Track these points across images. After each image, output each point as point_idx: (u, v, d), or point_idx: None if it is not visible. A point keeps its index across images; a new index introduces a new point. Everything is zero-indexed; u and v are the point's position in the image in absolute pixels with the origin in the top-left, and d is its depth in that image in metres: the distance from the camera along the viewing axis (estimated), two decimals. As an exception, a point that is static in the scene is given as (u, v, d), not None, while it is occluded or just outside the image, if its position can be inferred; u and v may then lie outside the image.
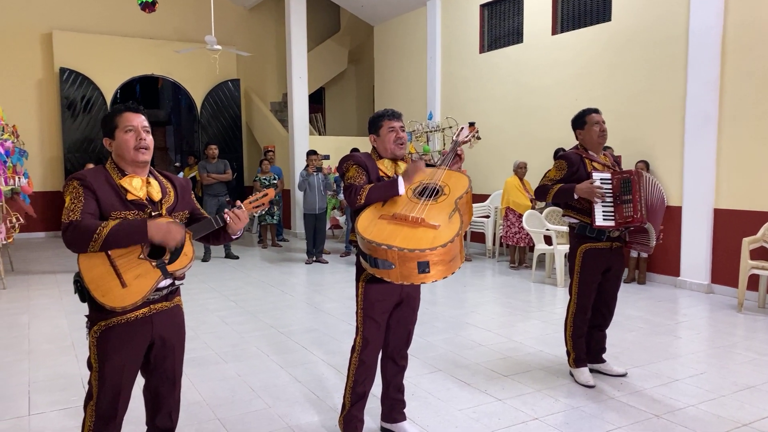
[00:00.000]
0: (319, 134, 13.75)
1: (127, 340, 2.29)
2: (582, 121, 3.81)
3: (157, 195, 2.38)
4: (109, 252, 2.20)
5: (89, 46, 11.91)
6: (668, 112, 6.95)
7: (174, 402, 2.54)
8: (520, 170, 7.95)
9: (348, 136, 13.08)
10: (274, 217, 10.13)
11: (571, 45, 8.11)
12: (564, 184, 3.75)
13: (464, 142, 3.13)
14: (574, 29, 8.13)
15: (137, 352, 2.34)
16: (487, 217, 8.94)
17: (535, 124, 8.68)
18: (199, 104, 13.14)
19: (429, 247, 2.47)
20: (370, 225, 2.66)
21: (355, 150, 8.97)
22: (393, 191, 2.77)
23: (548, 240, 7.30)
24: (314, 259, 8.72)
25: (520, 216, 7.63)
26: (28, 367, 4.20)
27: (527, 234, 7.61)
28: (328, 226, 9.78)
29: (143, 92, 16.61)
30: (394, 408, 3.12)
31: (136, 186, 2.32)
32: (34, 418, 3.35)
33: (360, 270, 2.90)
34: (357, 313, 2.93)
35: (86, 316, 2.31)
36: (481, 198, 9.19)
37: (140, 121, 2.33)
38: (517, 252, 8.04)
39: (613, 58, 7.56)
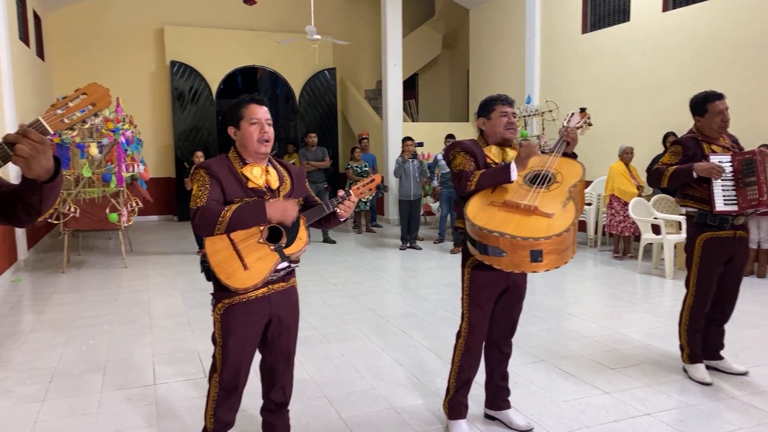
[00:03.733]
0: (413, 120, 13.78)
1: (247, 317, 2.43)
2: (703, 108, 3.53)
3: (275, 183, 2.48)
4: (232, 237, 2.33)
5: (197, 40, 12.56)
6: (796, 92, 6.36)
7: (288, 378, 2.67)
8: (626, 155, 7.57)
9: (442, 122, 13.01)
10: (368, 204, 10.29)
11: (685, 22, 7.60)
12: (680, 165, 3.54)
13: (575, 129, 3.02)
14: (688, 5, 7.60)
15: (257, 329, 2.47)
16: (589, 204, 8.61)
17: (642, 107, 8.23)
18: (297, 93, 13.53)
19: (543, 235, 2.42)
20: (480, 211, 2.63)
21: (450, 136, 8.91)
22: (505, 177, 2.70)
23: (656, 229, 6.94)
24: (408, 245, 8.78)
25: (626, 204, 7.29)
26: (151, 341, 4.55)
27: (633, 223, 7.27)
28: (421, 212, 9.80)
29: (243, 82, 17.32)
30: (498, 395, 3.11)
31: (256, 174, 2.43)
32: (160, 387, 3.63)
33: (466, 256, 2.89)
34: (462, 299, 2.93)
35: (211, 294, 2.47)
36: (582, 185, 8.85)
37: (264, 113, 2.43)
38: (622, 241, 7.70)
39: (733, 34, 7.01)
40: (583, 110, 3.18)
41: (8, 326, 4.99)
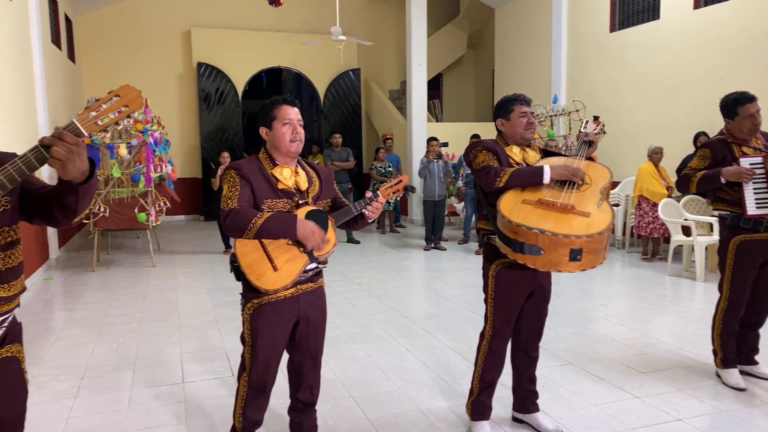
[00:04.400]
0: (437, 121, 13.73)
1: (276, 317, 2.44)
2: (733, 111, 3.43)
3: (304, 184, 2.49)
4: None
5: (223, 41, 12.68)
6: (834, 90, 6.18)
7: (315, 378, 2.67)
8: (655, 156, 7.44)
9: (466, 122, 12.94)
10: (392, 204, 10.28)
11: (717, 19, 7.43)
12: (708, 170, 3.47)
13: (594, 134, 2.97)
14: (720, 2, 7.44)
15: (285, 329, 2.49)
16: (617, 205, 8.49)
17: (671, 106, 8.09)
18: (322, 94, 13.58)
19: (585, 233, 2.39)
20: (515, 209, 2.58)
21: (475, 136, 8.86)
22: (537, 180, 2.66)
23: (686, 230, 6.81)
24: (433, 245, 8.75)
25: (654, 205, 7.17)
26: (179, 339, 4.61)
27: (662, 224, 7.14)
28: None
29: (269, 83, 17.45)
30: (526, 399, 3.08)
31: (286, 176, 2.44)
32: (188, 385, 3.67)
33: (491, 258, 2.86)
34: (487, 301, 2.90)
35: (241, 294, 2.49)
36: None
37: (296, 114, 2.44)
38: (651, 243, 7.57)
39: (766, 31, 6.83)
40: (596, 118, 3.15)
41: (41, 323, 5.10)
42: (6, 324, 1.68)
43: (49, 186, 1.68)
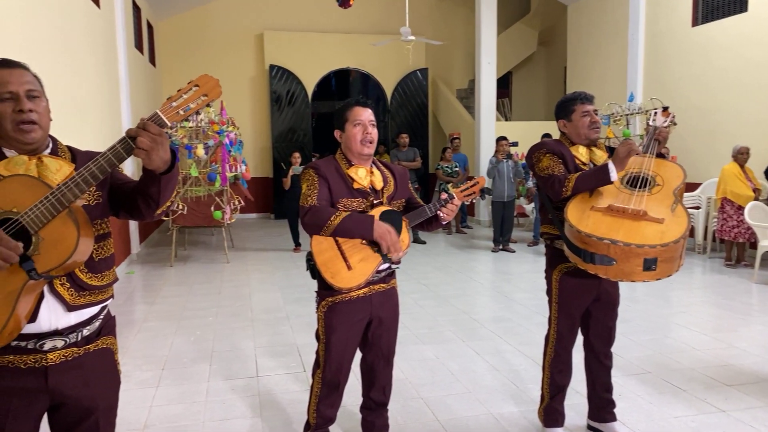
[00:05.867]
0: (506, 120, 13.52)
1: (349, 316, 2.47)
2: None
3: (379, 184, 2.51)
4: (337, 237, 2.38)
5: (294, 44, 12.98)
6: None
7: (387, 378, 2.68)
8: (741, 156, 7.03)
9: (536, 121, 12.67)
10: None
11: (811, 9, 6.96)
12: None
13: (663, 128, 2.80)
14: (816, -9, 6.96)
15: (358, 328, 2.51)
16: (698, 208, 8.08)
17: (759, 104, 7.61)
18: (389, 94, 13.66)
19: (660, 242, 2.28)
20: (584, 217, 2.50)
21: (546, 135, 8.66)
22: (604, 179, 2.55)
23: (775, 236, 6.40)
24: (501, 247, 8.62)
25: (740, 208, 6.78)
26: (253, 334, 4.74)
27: (747, 228, 6.74)
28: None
29: (337, 84, 17.70)
30: (603, 407, 2.98)
31: (361, 175, 2.47)
32: (262, 379, 3.78)
33: (553, 262, 2.79)
34: (550, 305, 2.85)
35: (316, 292, 2.53)
36: (691, 187, 8.31)
37: (367, 115, 2.47)
38: (735, 248, 7.16)
39: None
40: (665, 109, 2.97)
41: (125, 315, 5.38)
42: (102, 316, 1.78)
43: (134, 181, 1.78)
